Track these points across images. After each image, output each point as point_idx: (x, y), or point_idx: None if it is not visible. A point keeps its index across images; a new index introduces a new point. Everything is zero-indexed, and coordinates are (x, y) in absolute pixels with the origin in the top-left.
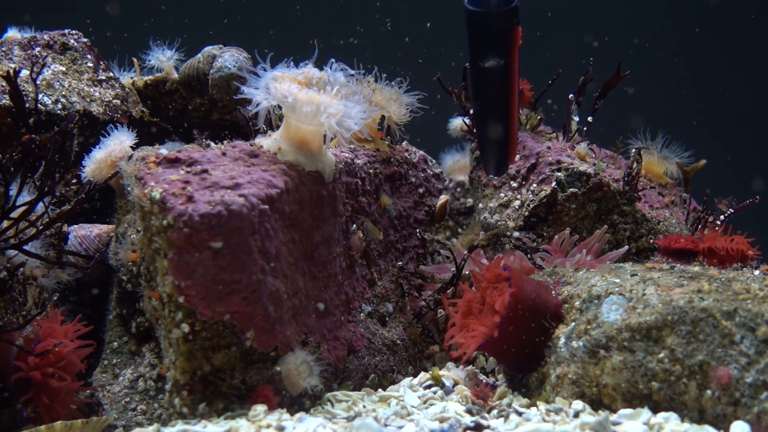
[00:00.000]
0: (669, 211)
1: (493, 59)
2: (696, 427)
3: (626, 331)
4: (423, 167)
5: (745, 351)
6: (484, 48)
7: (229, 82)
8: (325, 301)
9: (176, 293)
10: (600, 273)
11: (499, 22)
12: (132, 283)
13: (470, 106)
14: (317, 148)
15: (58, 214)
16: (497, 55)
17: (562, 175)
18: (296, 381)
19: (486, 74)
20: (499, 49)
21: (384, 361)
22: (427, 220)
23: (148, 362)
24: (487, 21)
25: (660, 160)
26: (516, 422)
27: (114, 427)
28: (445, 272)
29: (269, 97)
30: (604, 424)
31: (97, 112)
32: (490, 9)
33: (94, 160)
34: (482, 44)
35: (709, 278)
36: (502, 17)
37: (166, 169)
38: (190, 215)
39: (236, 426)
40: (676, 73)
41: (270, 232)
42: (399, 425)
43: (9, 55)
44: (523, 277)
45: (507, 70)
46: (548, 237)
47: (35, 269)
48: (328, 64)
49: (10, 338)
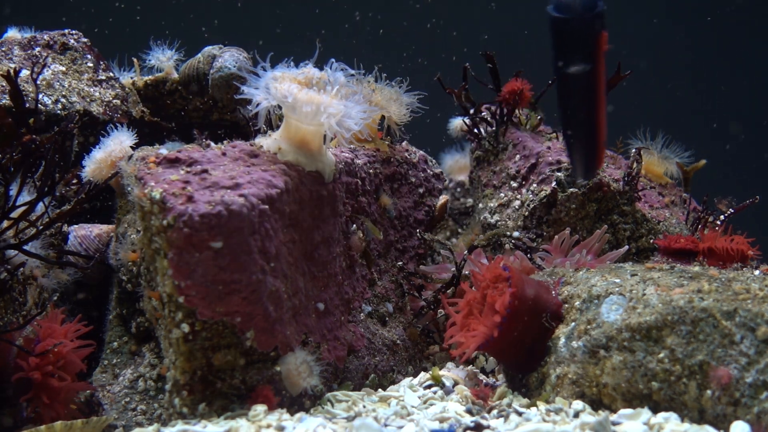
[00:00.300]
0: (669, 211)
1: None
2: (696, 427)
3: (626, 331)
4: (423, 167)
5: (745, 351)
6: (569, 54)
7: (229, 82)
8: (325, 301)
9: (176, 293)
10: (600, 273)
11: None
12: (132, 283)
13: (470, 106)
14: (317, 148)
15: (58, 214)
16: (583, 60)
17: (562, 175)
18: (296, 381)
19: (571, 80)
20: (584, 55)
21: (384, 361)
22: (427, 220)
23: (148, 362)
24: (572, 27)
25: (660, 160)
26: (516, 422)
27: (114, 427)
28: (445, 272)
29: (269, 97)
30: (604, 424)
31: (97, 112)
32: (574, 15)
33: (94, 160)
34: (567, 50)
35: (709, 278)
36: (587, 23)
37: (166, 169)
38: (190, 215)
39: (236, 426)
40: (675, 73)
41: (270, 232)
42: (399, 425)
43: (9, 55)
44: (523, 277)
45: (593, 76)
46: (548, 237)
47: (35, 269)
48: (328, 64)
49: (10, 338)
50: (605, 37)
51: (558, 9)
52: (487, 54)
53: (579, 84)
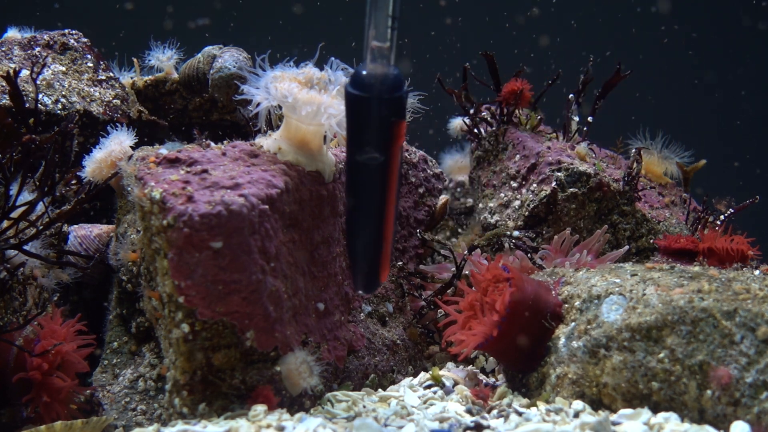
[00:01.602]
0: (669, 211)
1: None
2: (696, 427)
3: (626, 331)
4: (423, 167)
5: (745, 351)
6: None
7: (229, 82)
8: (325, 301)
9: (176, 293)
10: (600, 273)
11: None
12: (132, 283)
13: (470, 106)
14: (317, 148)
15: (58, 214)
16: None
17: (562, 175)
18: (296, 381)
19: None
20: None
21: (384, 361)
22: (428, 220)
23: (148, 362)
24: (368, 109)
25: (660, 160)
26: (516, 422)
27: (114, 427)
28: (445, 272)
29: (269, 98)
30: (604, 424)
31: (97, 112)
32: (371, 95)
33: (94, 160)
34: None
35: (709, 278)
36: (385, 107)
37: (166, 169)
38: (190, 215)
39: (236, 426)
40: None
41: (270, 232)
42: (399, 425)
43: (9, 55)
44: (523, 277)
45: (384, 170)
46: (548, 237)
47: (35, 269)
48: (328, 63)
49: (10, 338)
50: (403, 127)
51: (354, 85)
52: (487, 54)
53: (369, 176)
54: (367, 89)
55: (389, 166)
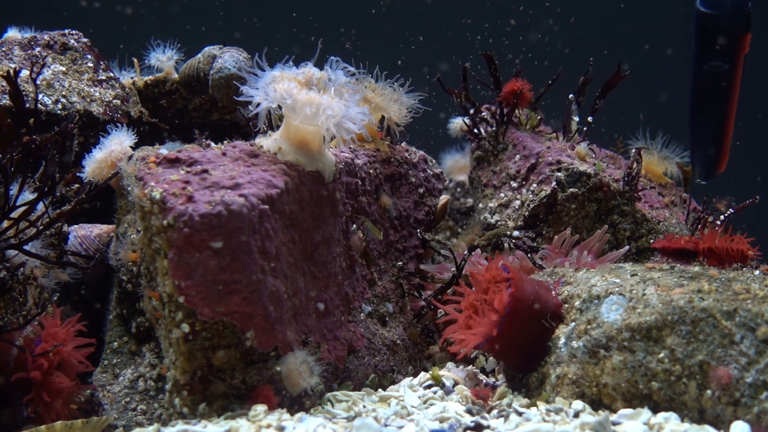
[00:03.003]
0: (669, 211)
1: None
2: (696, 427)
3: (626, 331)
4: (423, 167)
5: (745, 351)
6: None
7: (229, 82)
8: (325, 301)
9: (176, 293)
10: (600, 273)
11: (729, 25)
12: (132, 283)
13: (470, 107)
14: (317, 149)
15: (58, 214)
16: (722, 59)
17: (562, 175)
18: (296, 381)
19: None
20: (725, 53)
21: (384, 361)
22: (428, 220)
23: (148, 362)
24: (717, 24)
25: (660, 160)
26: (516, 422)
27: (114, 427)
28: (445, 272)
29: (269, 98)
30: (604, 424)
31: (97, 112)
32: (722, 12)
33: (94, 160)
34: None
35: (709, 278)
36: (732, 22)
37: (166, 169)
38: (190, 215)
39: (236, 426)
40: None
41: (270, 232)
42: (399, 425)
43: (9, 55)
44: (523, 277)
45: (729, 77)
46: (548, 237)
47: (35, 269)
48: (328, 63)
49: (10, 338)
50: (748, 38)
51: (705, 3)
52: (487, 54)
53: (714, 82)
54: (716, 7)
55: (734, 73)
